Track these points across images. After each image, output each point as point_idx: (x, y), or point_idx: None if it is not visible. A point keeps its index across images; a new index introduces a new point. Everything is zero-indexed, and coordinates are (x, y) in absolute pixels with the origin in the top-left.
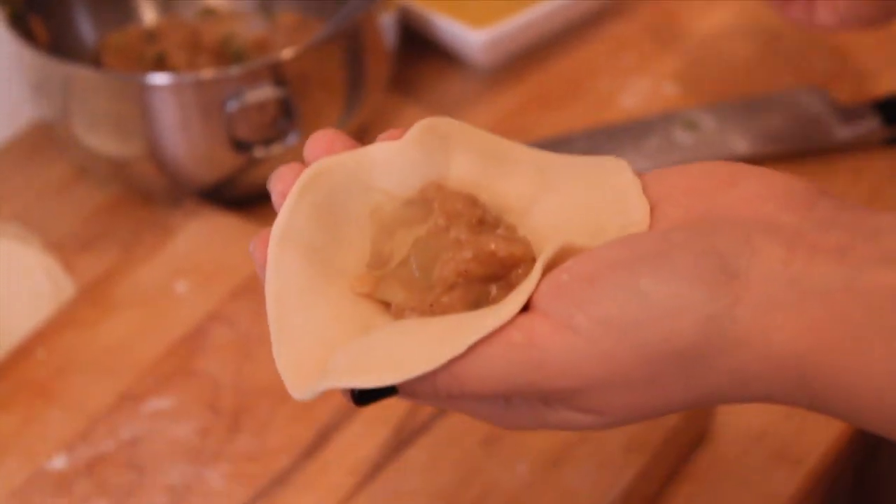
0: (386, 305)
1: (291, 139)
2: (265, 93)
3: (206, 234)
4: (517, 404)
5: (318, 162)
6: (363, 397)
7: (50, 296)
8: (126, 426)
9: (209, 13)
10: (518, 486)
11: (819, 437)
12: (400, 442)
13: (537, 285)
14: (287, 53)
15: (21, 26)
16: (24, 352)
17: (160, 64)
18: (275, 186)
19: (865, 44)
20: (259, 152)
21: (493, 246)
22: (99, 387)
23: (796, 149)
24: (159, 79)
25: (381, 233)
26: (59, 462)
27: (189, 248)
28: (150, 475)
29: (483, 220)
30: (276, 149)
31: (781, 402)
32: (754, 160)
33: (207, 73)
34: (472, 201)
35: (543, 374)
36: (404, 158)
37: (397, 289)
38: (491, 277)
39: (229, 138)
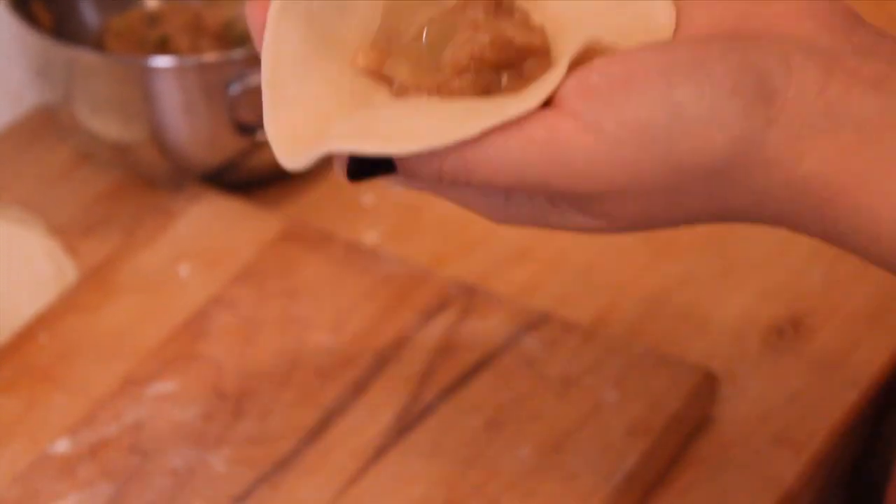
0: (388, 84)
1: None
2: None
3: (208, 217)
4: (519, 200)
5: None
6: (359, 171)
7: (52, 280)
8: (129, 410)
9: None
10: (520, 471)
11: (821, 421)
12: (403, 426)
13: (562, 81)
14: None
15: (23, 10)
16: (26, 336)
17: (163, 47)
18: None
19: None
20: (262, 136)
21: (510, 32)
22: (102, 371)
23: None
24: (162, 62)
25: (392, 5)
26: (62, 446)
27: (192, 232)
28: (154, 459)
29: (500, 2)
30: None
31: (792, 228)
32: None
33: (210, 57)
34: None
35: (562, 175)
36: None
37: (403, 65)
38: (503, 65)
39: (232, 122)
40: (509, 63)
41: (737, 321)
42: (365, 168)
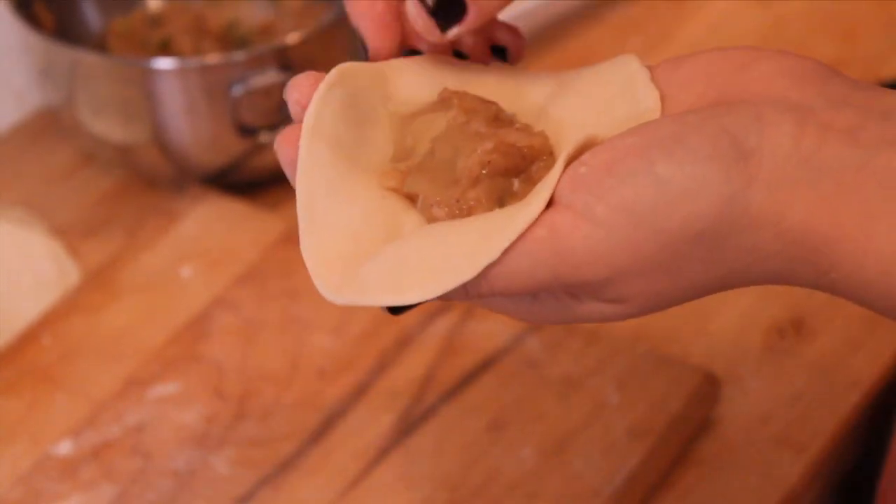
0: (412, 201)
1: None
2: (270, 78)
3: (211, 219)
4: (544, 299)
5: (342, 65)
6: (398, 310)
7: (55, 281)
8: (132, 412)
9: None
10: (523, 472)
11: (823, 423)
12: (405, 427)
13: (559, 179)
14: (292, 38)
15: (26, 11)
16: (29, 337)
17: (165, 49)
18: (291, 95)
19: (873, 28)
20: (264, 137)
21: (512, 137)
22: (104, 372)
23: None
24: (164, 64)
25: (403, 129)
26: (64, 447)
27: (194, 234)
28: (156, 461)
29: (499, 116)
30: None
31: (794, 282)
32: None
33: (213, 59)
34: (487, 100)
35: (567, 266)
36: (422, 70)
37: (423, 182)
38: (513, 171)
39: (234, 123)
40: (518, 169)
41: (738, 322)
42: (404, 308)
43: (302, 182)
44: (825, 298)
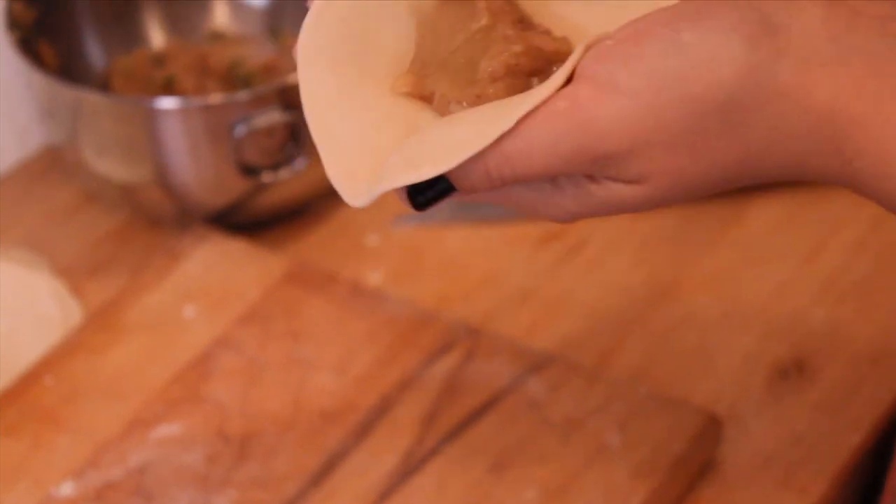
0: (428, 103)
1: (299, 164)
2: (273, 117)
3: (214, 258)
4: (564, 185)
5: None
6: (421, 198)
7: (58, 321)
8: (134, 453)
9: (217, 36)
10: None
11: (825, 464)
12: (407, 468)
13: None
14: (295, 78)
15: (30, 51)
16: (32, 377)
17: (168, 88)
18: None
19: None
20: (267, 177)
21: (538, 41)
22: (107, 413)
23: None
24: (167, 103)
25: (424, 31)
26: (67, 489)
27: (197, 273)
28: (159, 502)
29: (523, 18)
30: (284, 173)
31: (815, 172)
32: (762, 186)
33: (215, 98)
34: (513, 2)
35: (589, 137)
36: None
37: (443, 80)
38: (534, 71)
39: (237, 163)
40: (539, 69)
41: (740, 363)
42: (427, 195)
43: (305, 103)
44: (827, 339)
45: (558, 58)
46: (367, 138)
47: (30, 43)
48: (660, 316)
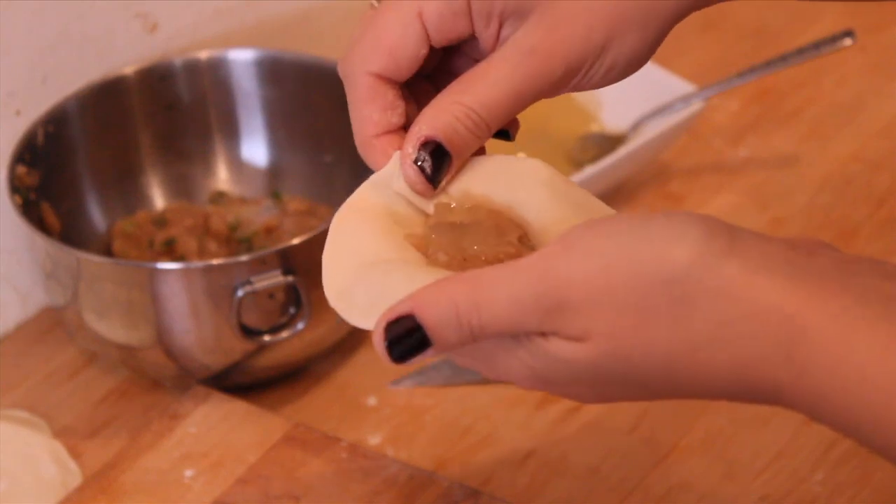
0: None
1: (300, 326)
2: (274, 279)
3: (214, 420)
4: (522, 340)
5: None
6: (400, 353)
7: (58, 483)
8: None
9: (219, 198)
10: None
11: None
12: None
13: None
14: (296, 240)
15: (33, 213)
16: None
17: (170, 249)
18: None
19: (871, 229)
20: (268, 339)
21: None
22: None
23: None
24: (168, 266)
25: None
26: None
27: (197, 435)
28: None
29: (522, 239)
30: (285, 335)
31: (766, 378)
32: None
33: (216, 260)
34: (516, 223)
35: (547, 285)
36: None
37: (443, 236)
38: None
39: (238, 325)
40: None
41: None
42: (402, 348)
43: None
44: (825, 502)
45: None
46: (361, 254)
47: (32, 206)
48: (658, 479)
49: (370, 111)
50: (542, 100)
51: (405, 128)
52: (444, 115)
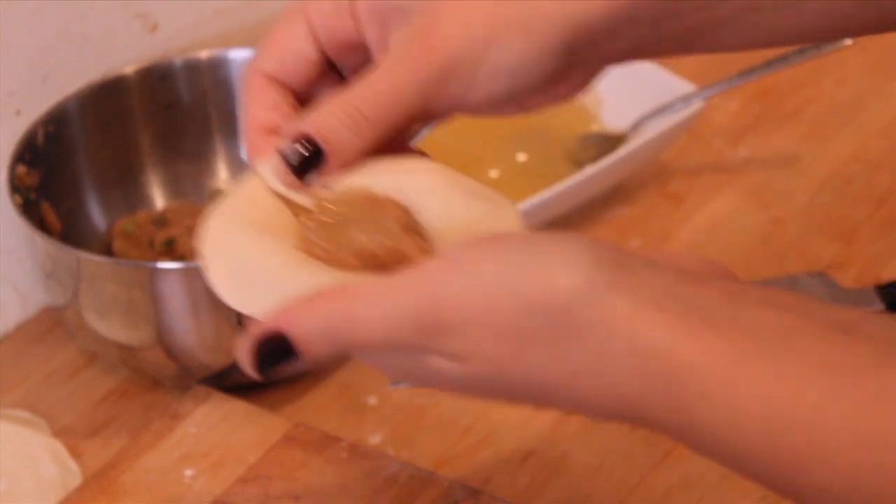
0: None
1: None
2: None
3: (214, 419)
4: (403, 352)
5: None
6: (264, 361)
7: (58, 483)
8: None
9: (219, 196)
10: None
11: None
12: None
13: None
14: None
15: (33, 213)
16: None
17: (170, 249)
18: None
19: (871, 230)
20: None
21: (410, 251)
22: None
23: None
24: (168, 266)
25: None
26: None
27: (197, 434)
28: None
29: (412, 224)
30: None
31: (654, 416)
32: None
33: None
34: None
35: (426, 305)
36: None
37: (321, 227)
38: (389, 265)
39: (238, 324)
40: (395, 264)
41: None
42: (269, 362)
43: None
44: None
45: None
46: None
47: (32, 206)
48: (659, 478)
49: (255, 108)
50: None
51: None
52: (321, 112)
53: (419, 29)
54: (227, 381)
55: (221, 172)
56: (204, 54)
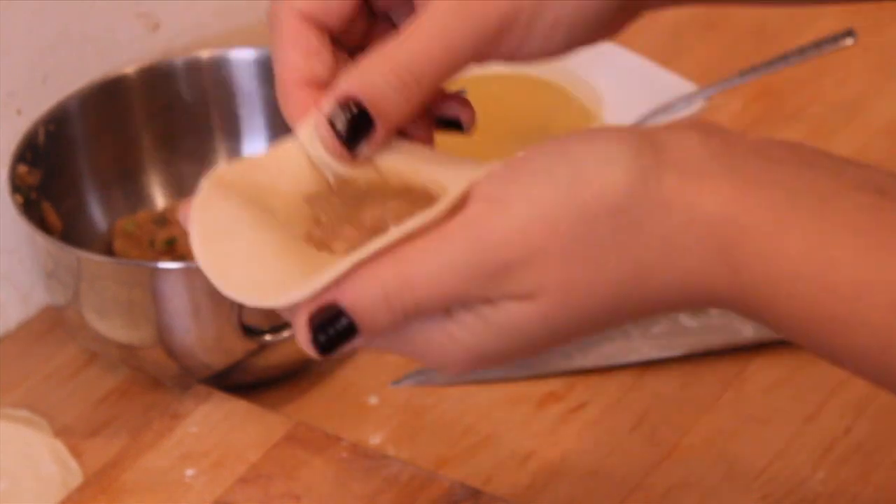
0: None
1: None
2: None
3: (215, 419)
4: (460, 315)
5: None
6: (322, 337)
7: (58, 482)
8: None
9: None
10: None
11: None
12: None
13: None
14: None
15: (34, 213)
16: None
17: (171, 249)
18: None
19: None
20: (269, 338)
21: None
22: None
23: None
24: (169, 265)
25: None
26: None
27: (198, 434)
28: None
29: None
30: (286, 334)
31: (707, 287)
32: (761, 345)
33: None
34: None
35: (485, 249)
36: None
37: (333, 202)
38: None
39: (239, 324)
40: None
41: None
42: (329, 338)
43: (196, 225)
44: (827, 500)
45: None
46: (253, 255)
47: (33, 205)
48: (660, 478)
49: (294, 55)
50: (541, 97)
51: None
52: (368, 73)
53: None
54: (228, 381)
55: None
56: (205, 54)
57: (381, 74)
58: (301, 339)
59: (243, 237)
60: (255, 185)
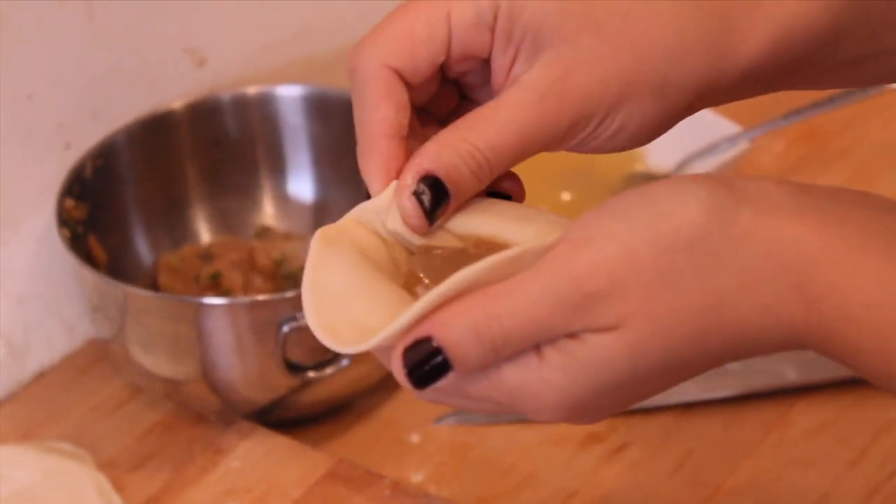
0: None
1: (344, 362)
2: None
3: (257, 455)
4: (548, 355)
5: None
6: (420, 378)
7: None
8: None
9: (265, 233)
10: None
11: None
12: None
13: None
14: None
15: (80, 246)
16: None
17: (215, 284)
18: None
19: None
20: (312, 374)
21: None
22: None
23: (844, 377)
24: (214, 301)
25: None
26: None
27: (240, 469)
28: None
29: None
30: (329, 371)
31: (784, 319)
32: (805, 388)
33: (262, 297)
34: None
35: (569, 282)
36: None
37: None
38: None
39: (283, 361)
40: None
41: None
42: (423, 373)
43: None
44: None
45: None
46: (353, 298)
47: (80, 239)
48: None
49: (386, 108)
50: None
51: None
52: (447, 151)
53: (553, 76)
54: (271, 417)
55: (267, 208)
56: (252, 90)
57: (459, 155)
58: (397, 375)
59: (357, 300)
60: (356, 241)
